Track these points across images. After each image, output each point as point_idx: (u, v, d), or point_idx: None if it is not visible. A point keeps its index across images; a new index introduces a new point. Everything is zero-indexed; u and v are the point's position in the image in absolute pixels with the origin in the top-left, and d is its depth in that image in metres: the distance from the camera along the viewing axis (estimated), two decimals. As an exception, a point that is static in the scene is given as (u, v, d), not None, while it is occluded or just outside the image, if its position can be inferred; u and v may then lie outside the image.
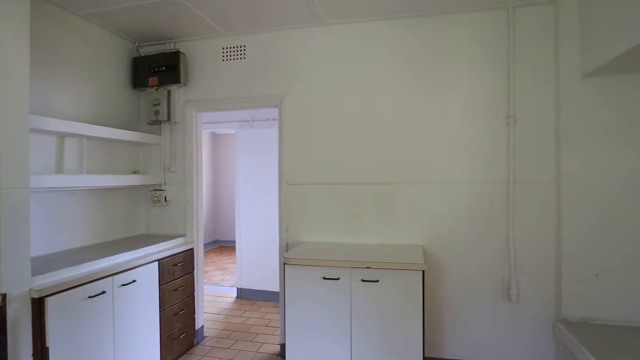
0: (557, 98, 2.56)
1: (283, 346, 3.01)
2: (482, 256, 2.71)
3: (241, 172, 4.52)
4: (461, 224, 2.74)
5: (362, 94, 2.91)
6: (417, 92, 2.82)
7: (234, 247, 4.74)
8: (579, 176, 2.47)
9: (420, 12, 2.75)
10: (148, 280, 2.61)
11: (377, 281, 2.31)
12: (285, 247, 3.03)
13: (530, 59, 2.64)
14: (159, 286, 2.72)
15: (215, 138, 8.04)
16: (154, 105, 3.22)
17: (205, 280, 4.64)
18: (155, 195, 3.32)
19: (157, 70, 3.20)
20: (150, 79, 3.21)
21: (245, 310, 4.13)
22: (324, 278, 2.39)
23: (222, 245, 7.85)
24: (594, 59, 2.30)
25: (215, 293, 4.76)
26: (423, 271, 2.26)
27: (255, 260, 4.46)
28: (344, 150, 2.94)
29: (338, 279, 2.37)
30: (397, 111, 2.85)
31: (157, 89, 3.23)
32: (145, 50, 3.32)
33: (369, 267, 2.31)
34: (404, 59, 2.84)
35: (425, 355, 2.66)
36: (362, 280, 2.33)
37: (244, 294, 4.54)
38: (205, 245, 5.66)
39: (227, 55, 3.20)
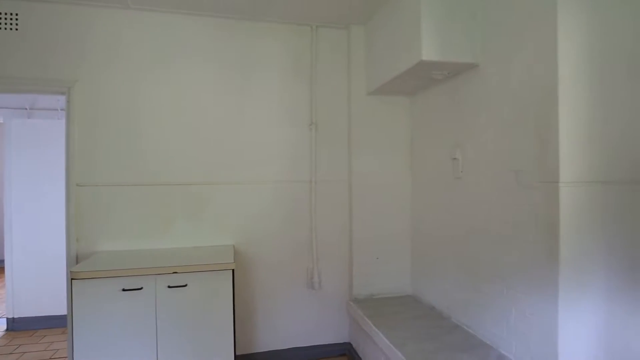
0: (349, 109, 3.00)
1: (72, 378, 2.53)
2: (289, 250, 2.93)
3: (14, 173, 3.61)
4: (270, 221, 2.90)
5: (171, 90, 2.73)
6: (228, 94, 2.83)
7: (3, 268, 3.74)
8: (363, 175, 2.96)
9: (229, 14, 2.77)
10: None
11: (185, 285, 2.20)
12: (76, 259, 2.57)
13: (329, 73, 3.00)
14: None
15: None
16: None
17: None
18: None
19: None
20: None
21: (20, 345, 3.31)
22: (124, 290, 2.13)
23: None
24: (374, 81, 2.81)
25: (-29, 330, 3.65)
26: (233, 270, 2.28)
27: (35, 281, 3.62)
28: (148, 148, 2.70)
29: (141, 288, 2.15)
30: (209, 112, 2.80)
31: None
32: None
33: (175, 272, 2.18)
34: (215, 59, 2.81)
35: (239, 353, 2.69)
36: (169, 287, 2.18)
37: (18, 325, 3.62)
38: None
39: (-13, 22, 2.51)
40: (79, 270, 2.10)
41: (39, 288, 3.62)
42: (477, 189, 2.21)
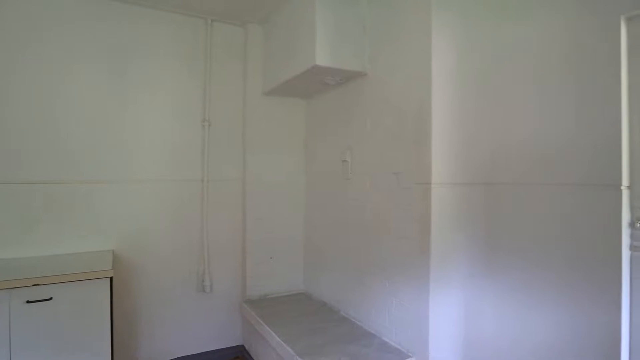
0: (245, 108, 2.95)
1: None
2: (178, 253, 2.76)
3: None
4: (157, 223, 2.69)
5: (41, 76, 2.33)
6: (110, 84, 2.54)
7: None
8: (258, 175, 2.94)
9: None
10: None
11: (50, 299, 1.91)
12: None
13: (225, 70, 2.91)
14: None
15: None
16: None
17: None
18: None
19: None
20: None
21: None
22: (-36, 310, 1.76)
23: None
24: (270, 81, 2.81)
25: None
26: (111, 278, 2.05)
27: None
28: (9, 141, 2.28)
29: (-12, 307, 1.80)
30: (87, 102, 2.47)
31: None
32: None
33: (37, 284, 1.88)
34: (98, 44, 2.50)
35: (117, 370, 2.44)
36: (28, 302, 1.87)
37: None
38: None
39: None
40: None
41: None
42: (364, 189, 2.38)
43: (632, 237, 1.54)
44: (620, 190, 1.53)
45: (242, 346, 2.96)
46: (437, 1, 1.89)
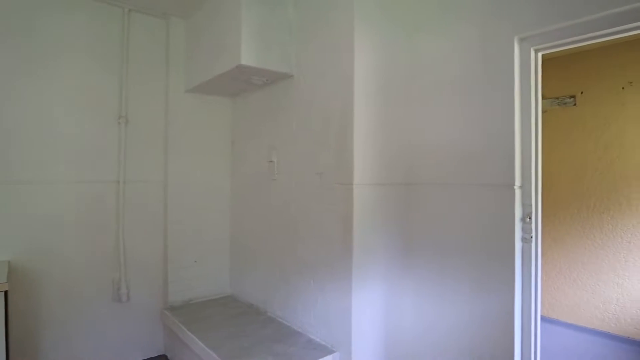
0: (167, 106, 2.80)
1: None
2: (90, 261, 2.53)
3: None
4: (64, 229, 2.44)
5: None
6: (6, 73, 2.25)
7: None
8: (180, 176, 2.81)
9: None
10: None
11: None
12: None
13: (144, 64, 2.73)
14: None
15: None
16: None
17: None
18: None
19: None
20: None
21: None
22: None
23: None
24: (194, 79, 2.71)
25: None
26: (6, 292, 1.82)
27: None
28: None
29: None
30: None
31: None
32: None
33: None
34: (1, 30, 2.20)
35: (14, 394, 2.17)
36: None
37: None
38: None
39: None
40: None
41: None
42: (289, 189, 2.40)
43: (523, 230, 1.77)
44: (514, 190, 1.75)
45: (165, 356, 2.81)
46: (359, 12, 1.98)
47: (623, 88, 3.17)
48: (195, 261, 2.87)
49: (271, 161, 2.53)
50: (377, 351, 2.09)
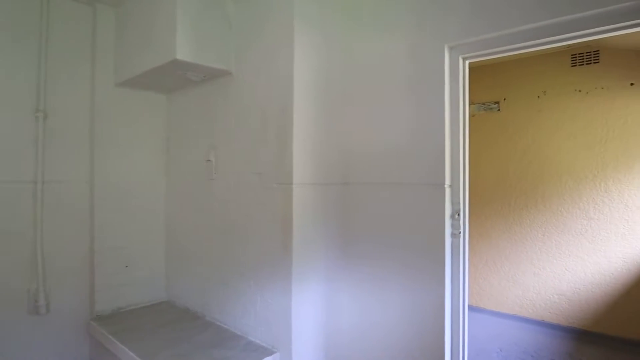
0: (93, 101, 2.59)
1: None
2: (3, 271, 2.27)
3: None
4: (-31, 235, 2.17)
5: None
6: None
7: None
8: (109, 176, 2.62)
9: None
10: None
11: None
12: None
13: (67, 54, 2.48)
14: None
15: None
16: None
17: None
18: None
19: None
20: None
21: None
22: None
23: None
24: (124, 72, 2.53)
25: None
26: None
27: None
28: None
29: None
30: None
31: None
32: None
33: None
34: None
35: None
36: None
37: None
38: None
39: None
40: None
41: None
42: (228, 189, 2.34)
43: (452, 226, 1.88)
44: (444, 189, 1.85)
45: (91, 370, 2.60)
46: (299, 11, 1.99)
47: (538, 97, 3.50)
48: (127, 266, 2.69)
49: (209, 160, 2.44)
50: (317, 350, 2.11)
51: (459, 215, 1.87)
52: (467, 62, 1.91)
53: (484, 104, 3.80)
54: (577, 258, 3.30)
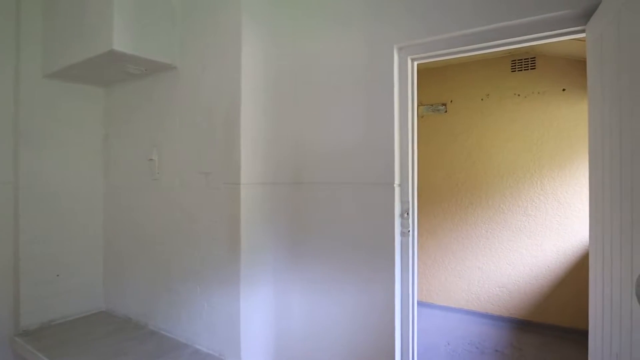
0: (18, 93, 2.34)
1: None
2: None
3: None
4: None
5: None
6: None
7: None
8: (39, 176, 2.38)
9: None
10: None
11: None
12: None
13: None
14: None
15: None
16: None
17: None
18: None
19: None
20: None
21: None
22: None
23: None
24: (54, 62, 2.31)
25: None
26: None
27: None
28: None
29: None
30: None
31: None
32: None
33: None
34: None
35: None
36: None
37: None
38: None
39: None
40: None
41: None
42: (173, 190, 2.22)
43: (402, 224, 1.90)
44: (394, 188, 1.86)
45: (16, 391, 2.35)
46: (247, 5, 1.92)
47: (482, 99, 3.67)
48: (58, 275, 2.46)
49: (152, 159, 2.30)
50: (267, 354, 2.05)
51: (408, 214, 1.90)
52: (415, 63, 1.93)
53: (432, 105, 3.93)
54: (516, 252, 3.49)
